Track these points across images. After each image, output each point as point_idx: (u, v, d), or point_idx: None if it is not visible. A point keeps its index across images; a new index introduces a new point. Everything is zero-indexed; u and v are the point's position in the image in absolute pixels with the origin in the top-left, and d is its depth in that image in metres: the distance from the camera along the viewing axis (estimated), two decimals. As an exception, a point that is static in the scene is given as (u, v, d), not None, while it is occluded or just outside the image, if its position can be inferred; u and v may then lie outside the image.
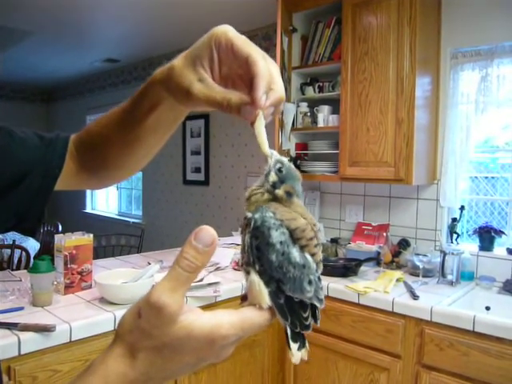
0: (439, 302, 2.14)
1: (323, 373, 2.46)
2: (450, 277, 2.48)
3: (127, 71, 5.40)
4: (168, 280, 0.41)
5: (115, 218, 5.81)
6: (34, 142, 0.73)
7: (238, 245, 3.13)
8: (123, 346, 0.42)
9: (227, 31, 0.53)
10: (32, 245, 4.45)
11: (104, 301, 1.93)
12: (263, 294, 0.47)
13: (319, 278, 0.51)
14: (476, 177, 2.78)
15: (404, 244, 2.80)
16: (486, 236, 2.59)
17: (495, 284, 2.45)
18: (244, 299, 0.50)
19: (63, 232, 2.14)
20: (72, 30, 4.04)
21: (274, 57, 3.00)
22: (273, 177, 0.52)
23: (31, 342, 1.57)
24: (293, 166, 0.54)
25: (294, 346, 0.50)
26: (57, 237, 2.06)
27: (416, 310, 2.12)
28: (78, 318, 1.74)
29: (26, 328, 1.59)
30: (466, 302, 2.28)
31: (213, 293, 2.16)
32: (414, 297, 2.18)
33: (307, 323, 0.49)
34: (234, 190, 4.08)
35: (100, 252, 3.95)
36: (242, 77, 0.52)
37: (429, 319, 2.07)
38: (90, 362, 0.44)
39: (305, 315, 0.49)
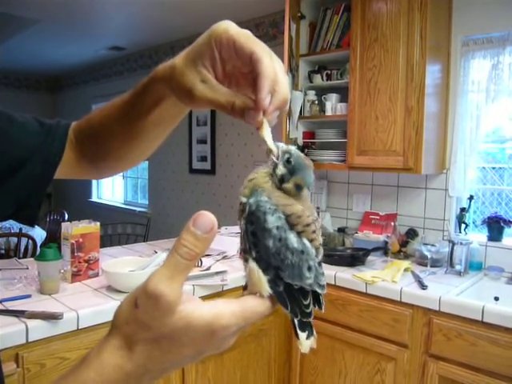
0: (447, 291, 2.12)
1: (330, 362, 2.46)
2: (458, 267, 2.46)
3: (133, 59, 5.37)
4: (166, 268, 0.39)
5: (121, 207, 5.81)
6: (34, 127, 0.72)
7: (245, 234, 3.12)
8: (119, 338, 0.41)
9: (228, 28, 0.49)
10: (38, 233, 4.47)
11: (111, 289, 1.93)
12: (262, 281, 0.46)
13: (320, 264, 0.49)
14: (484, 167, 2.75)
15: (412, 234, 2.78)
16: (495, 226, 2.57)
17: (504, 274, 2.43)
18: (246, 288, 0.49)
19: (69, 221, 2.13)
20: (77, 17, 4.01)
21: (281, 44, 2.97)
22: (281, 170, 0.50)
23: (39, 329, 1.57)
24: (302, 155, 0.52)
25: (302, 335, 0.48)
26: (63, 225, 2.06)
27: (424, 299, 2.10)
28: (86, 305, 1.74)
29: (33, 316, 1.59)
30: (475, 293, 2.26)
31: (220, 281, 2.16)
32: (423, 286, 2.17)
33: (308, 311, 0.48)
34: (240, 178, 4.06)
35: (106, 241, 3.96)
36: (247, 75, 0.51)
37: (437, 309, 2.05)
38: (84, 355, 0.42)
39: (305, 302, 0.48)
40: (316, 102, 3.04)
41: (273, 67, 0.48)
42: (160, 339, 0.40)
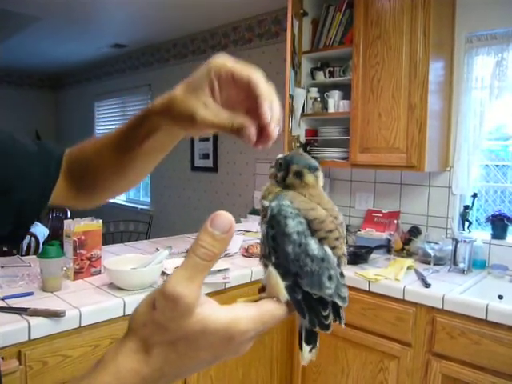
0: (451, 290, 2.12)
1: (332, 360, 2.45)
2: (461, 265, 2.45)
3: (135, 57, 5.36)
4: (184, 269, 0.39)
5: (123, 205, 5.81)
6: (34, 149, 0.70)
7: (247, 231, 3.12)
8: (136, 341, 0.40)
9: (225, 63, 0.54)
10: (41, 230, 4.47)
11: (113, 286, 1.93)
12: (280, 287, 0.45)
13: (342, 274, 0.47)
14: (487, 165, 2.73)
15: (415, 231, 2.77)
16: (499, 224, 2.56)
17: (508, 273, 2.42)
18: (262, 290, 0.48)
19: (72, 218, 2.13)
20: (79, 15, 4.00)
21: (284, 41, 2.96)
22: (279, 174, 0.51)
23: (41, 326, 1.57)
24: (296, 152, 0.52)
25: (306, 347, 0.48)
26: (66, 222, 2.05)
27: (427, 298, 2.09)
28: (88, 303, 1.74)
29: (35, 313, 1.58)
30: (478, 291, 2.25)
31: (222, 279, 2.15)
32: (426, 285, 2.16)
33: (327, 322, 0.46)
34: (242, 176, 4.06)
35: (108, 238, 3.95)
36: (242, 102, 0.53)
37: (440, 307, 2.04)
38: (100, 357, 0.41)
39: (324, 313, 0.46)
40: (318, 99, 3.03)
41: (269, 89, 0.51)
42: (177, 342, 0.40)
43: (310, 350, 0.48)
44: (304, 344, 0.48)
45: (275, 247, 0.46)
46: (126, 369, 0.39)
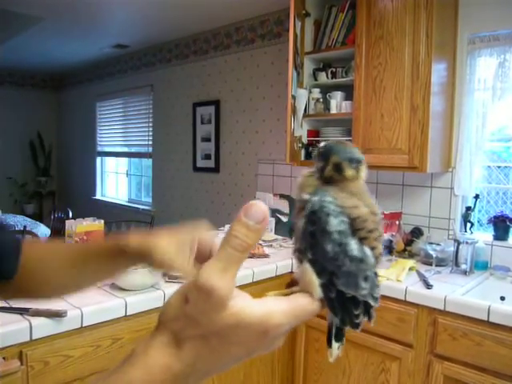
0: (453, 291, 2.11)
1: (334, 361, 2.44)
2: (463, 266, 2.45)
3: (137, 57, 5.36)
4: (218, 260, 0.37)
5: (125, 205, 5.81)
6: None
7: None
8: (167, 335, 0.39)
9: (208, 237, 0.65)
10: (42, 231, 4.47)
11: (115, 287, 1.93)
12: (315, 284, 0.44)
13: (376, 274, 0.47)
14: (489, 166, 2.73)
15: (417, 233, 2.77)
16: (501, 225, 2.55)
17: (510, 274, 2.42)
18: (291, 285, 0.47)
19: (73, 218, 2.13)
20: (81, 15, 4.00)
21: (286, 42, 2.96)
22: (318, 164, 0.48)
23: (43, 327, 1.57)
24: (338, 141, 0.50)
25: (335, 345, 0.48)
26: (68, 222, 2.06)
27: (429, 299, 2.09)
28: (89, 303, 1.74)
29: (37, 313, 1.58)
30: (480, 292, 2.25)
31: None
32: (428, 286, 2.16)
33: (358, 321, 0.46)
34: (244, 177, 4.06)
35: (110, 238, 3.95)
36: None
37: (442, 308, 2.04)
38: (129, 352, 0.40)
39: (356, 312, 0.46)
40: (321, 99, 3.03)
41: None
42: (209, 336, 0.39)
43: (338, 347, 0.48)
44: (333, 341, 0.48)
45: (313, 244, 0.45)
46: (158, 363, 0.38)
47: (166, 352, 0.39)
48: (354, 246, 0.45)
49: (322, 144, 0.50)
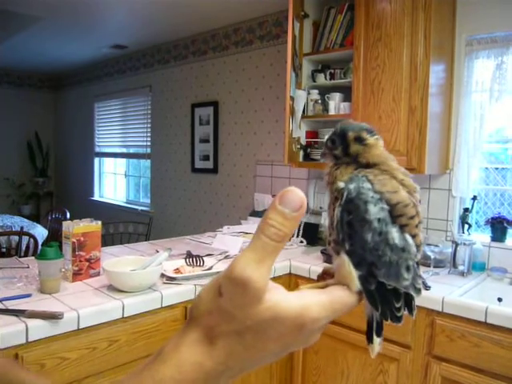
0: (450, 292, 2.11)
1: (332, 363, 2.45)
2: (461, 267, 2.45)
3: (135, 58, 5.36)
4: (252, 251, 0.35)
5: (123, 206, 5.81)
6: None
7: (247, 233, 3.11)
8: (199, 331, 0.37)
9: None
10: (40, 232, 4.46)
11: (112, 288, 1.92)
12: (353, 276, 0.42)
13: (418, 264, 0.45)
14: (487, 167, 2.73)
15: (415, 234, 2.76)
16: (499, 226, 2.55)
17: (507, 275, 2.42)
18: (321, 278, 0.46)
19: (71, 219, 2.12)
20: (80, 15, 4.00)
21: (284, 43, 2.96)
22: (337, 149, 0.47)
23: (39, 329, 1.56)
24: (344, 121, 0.49)
25: (376, 340, 0.46)
26: (65, 223, 2.05)
27: (427, 300, 2.09)
28: (86, 305, 1.73)
29: (33, 315, 1.58)
30: (478, 293, 2.25)
31: (221, 281, 2.14)
32: (426, 287, 2.15)
33: (399, 314, 0.44)
34: (242, 178, 4.06)
35: (108, 239, 3.95)
36: None
37: (440, 310, 2.04)
38: (159, 349, 0.39)
39: (397, 305, 0.44)
40: (319, 101, 3.03)
41: None
42: (244, 332, 0.37)
43: (379, 343, 0.47)
44: (375, 336, 0.46)
45: (351, 234, 0.43)
46: (189, 361, 0.37)
47: (198, 349, 0.37)
48: (394, 234, 0.43)
49: (326, 136, 0.49)
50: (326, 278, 0.46)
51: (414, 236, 0.44)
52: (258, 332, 0.37)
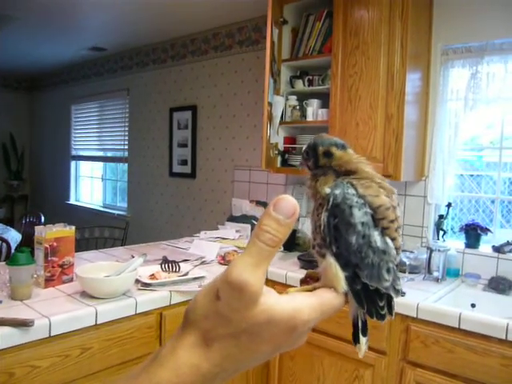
0: (425, 298, 2.13)
1: (308, 369, 2.44)
2: (435, 273, 2.48)
3: (113, 60, 5.31)
4: (248, 255, 0.37)
5: (100, 210, 5.73)
6: None
7: (225, 238, 3.10)
8: (196, 334, 0.38)
9: None
10: (13, 236, 4.37)
11: (85, 295, 1.89)
12: (340, 278, 0.44)
13: (397, 266, 0.47)
14: (462, 174, 2.78)
15: (391, 240, 2.78)
16: (472, 233, 2.59)
17: (480, 281, 2.45)
18: (304, 282, 0.47)
19: (46, 223, 2.08)
20: (57, 16, 3.94)
21: (263, 49, 2.97)
22: (309, 164, 0.50)
23: (8, 337, 1.52)
24: (317, 136, 0.52)
25: (363, 340, 0.48)
26: (37, 228, 2.00)
27: (402, 306, 2.10)
28: (58, 312, 1.70)
29: (2, 322, 1.54)
30: (452, 299, 2.28)
31: (198, 287, 2.13)
32: (401, 293, 2.17)
33: (383, 312, 0.47)
34: (220, 183, 4.04)
35: (83, 244, 3.89)
36: None
37: (415, 316, 2.05)
38: (155, 353, 0.39)
39: (381, 304, 0.46)
40: (297, 107, 3.04)
41: None
42: (240, 335, 0.38)
43: (366, 342, 0.48)
44: (361, 336, 0.48)
45: (337, 237, 0.45)
46: (186, 364, 0.38)
47: (195, 352, 0.38)
48: (376, 237, 0.45)
49: (304, 147, 0.52)
50: (309, 281, 0.48)
51: (393, 239, 0.46)
52: (252, 334, 0.38)
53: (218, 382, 0.40)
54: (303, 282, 0.48)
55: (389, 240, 0.46)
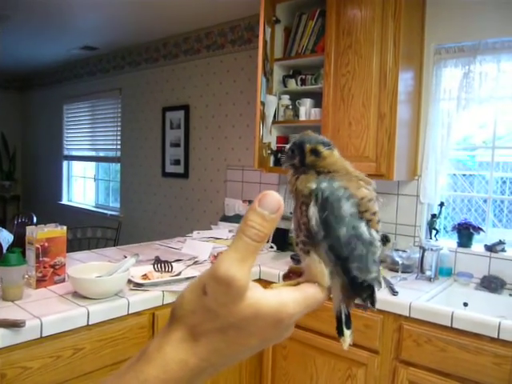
0: (418, 297, 2.14)
1: (301, 368, 2.44)
2: (428, 273, 2.48)
3: (105, 59, 5.28)
4: (235, 251, 0.37)
5: (92, 210, 5.70)
6: None
7: (217, 238, 3.09)
8: (183, 330, 0.39)
9: None
10: (5, 236, 4.33)
11: (77, 295, 1.88)
12: (323, 273, 0.45)
13: (379, 258, 0.48)
14: (454, 174, 2.79)
15: (384, 239, 2.79)
16: (465, 232, 2.60)
17: (473, 280, 2.46)
18: (286, 277, 0.48)
19: (38, 224, 2.07)
20: (49, 15, 3.92)
21: (256, 48, 2.96)
22: (295, 161, 0.50)
23: (-1, 337, 1.51)
24: (303, 133, 0.52)
25: (347, 332, 0.49)
26: (28, 229, 1.99)
27: (395, 305, 2.11)
28: (50, 312, 1.68)
29: (-7, 323, 1.52)
30: (444, 298, 2.28)
31: (190, 287, 2.11)
32: (393, 292, 2.17)
33: (368, 303, 0.48)
34: (213, 183, 4.03)
35: (75, 244, 3.87)
36: None
37: (407, 315, 2.06)
38: (141, 350, 0.39)
39: (365, 296, 0.48)
40: (290, 106, 3.03)
41: None
42: (227, 329, 0.38)
43: (350, 334, 0.49)
44: (345, 328, 0.49)
45: (328, 231, 0.45)
46: (174, 360, 0.38)
47: (182, 347, 0.38)
48: (363, 228, 0.46)
49: (287, 146, 0.52)
50: (292, 276, 0.48)
51: (376, 231, 0.47)
52: (240, 328, 0.38)
53: (205, 377, 0.40)
54: (286, 276, 0.49)
55: (374, 232, 0.47)
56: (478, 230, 2.57)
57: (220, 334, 0.38)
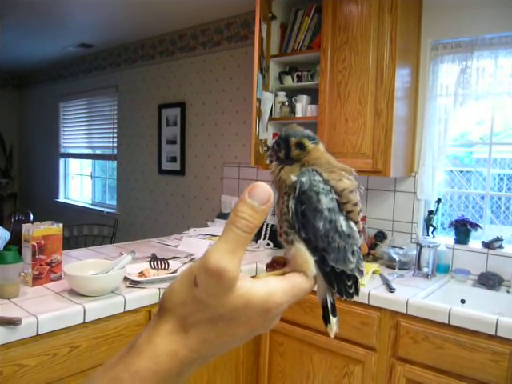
0: (415, 294, 2.13)
1: (298, 365, 2.44)
2: (425, 269, 2.48)
3: (101, 57, 5.26)
4: (225, 242, 0.37)
5: (89, 208, 5.69)
6: None
7: (214, 236, 3.08)
8: (173, 321, 0.39)
9: None
10: (1, 234, 4.32)
11: (73, 293, 1.87)
12: (309, 263, 0.46)
13: (360, 248, 0.49)
14: (451, 170, 2.78)
15: (380, 236, 2.79)
16: (462, 229, 2.60)
17: (470, 277, 2.47)
18: (269, 267, 0.49)
19: (34, 221, 2.06)
20: (45, 12, 3.90)
21: (252, 44, 2.95)
22: (280, 154, 0.51)
23: (-6, 335, 1.50)
24: (289, 127, 0.52)
25: (333, 319, 0.50)
26: (25, 226, 1.98)
27: (392, 302, 2.10)
28: (46, 310, 1.67)
29: (-11, 321, 1.51)
30: (442, 295, 2.28)
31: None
32: (390, 289, 2.17)
33: (351, 291, 0.49)
34: (210, 180, 4.02)
35: (72, 242, 3.86)
36: None
37: (404, 312, 2.06)
38: (130, 343, 0.39)
39: (349, 283, 0.48)
40: (286, 103, 3.03)
41: None
42: (217, 320, 0.39)
43: (336, 322, 0.51)
44: (331, 316, 0.50)
45: (304, 223, 0.46)
46: (164, 351, 0.38)
47: (172, 339, 0.38)
48: (342, 221, 0.47)
49: (274, 139, 0.54)
50: (275, 266, 0.49)
51: (356, 222, 0.48)
52: (230, 319, 0.39)
53: (195, 367, 0.40)
54: (269, 266, 0.49)
55: (353, 224, 0.48)
56: (476, 226, 2.58)
57: (210, 325, 0.39)
